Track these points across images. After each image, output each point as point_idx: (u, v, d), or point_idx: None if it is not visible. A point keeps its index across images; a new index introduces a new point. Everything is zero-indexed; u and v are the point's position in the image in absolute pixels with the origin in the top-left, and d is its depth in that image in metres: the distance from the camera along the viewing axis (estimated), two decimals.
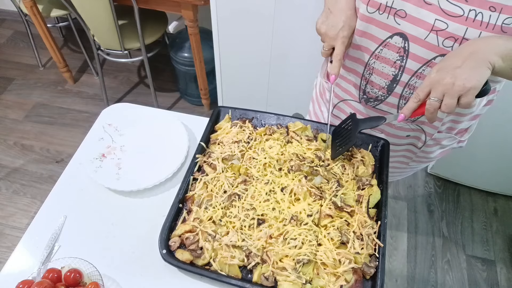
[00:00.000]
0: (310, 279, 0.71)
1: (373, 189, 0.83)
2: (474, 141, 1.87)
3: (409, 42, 0.80)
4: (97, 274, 0.72)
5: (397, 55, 0.83)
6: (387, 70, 0.87)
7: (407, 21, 0.78)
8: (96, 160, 0.93)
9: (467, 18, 0.71)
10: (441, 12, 0.74)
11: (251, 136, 0.92)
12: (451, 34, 0.74)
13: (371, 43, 0.85)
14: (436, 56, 0.78)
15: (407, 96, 0.88)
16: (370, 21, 0.82)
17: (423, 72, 0.82)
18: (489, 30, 0.70)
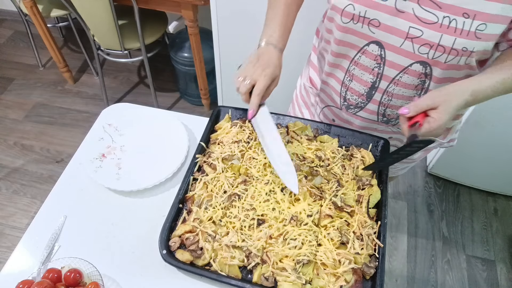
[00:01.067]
0: (310, 279, 0.71)
1: (373, 189, 0.83)
2: (474, 141, 1.87)
3: (385, 50, 0.82)
4: (97, 274, 0.72)
5: (375, 62, 0.85)
6: (365, 77, 0.89)
7: (382, 29, 0.79)
8: (96, 160, 0.93)
9: (441, 25, 0.73)
10: (416, 19, 0.75)
11: (251, 136, 0.92)
12: (426, 41, 0.76)
13: (350, 50, 0.87)
14: (412, 63, 0.80)
15: (386, 103, 0.90)
16: (346, 31, 0.83)
17: (400, 79, 0.84)
18: (463, 36, 0.72)
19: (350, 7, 0.78)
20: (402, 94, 0.87)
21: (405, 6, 0.75)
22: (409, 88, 0.85)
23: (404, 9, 0.75)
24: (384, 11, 0.76)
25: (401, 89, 0.86)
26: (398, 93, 0.87)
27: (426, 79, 0.83)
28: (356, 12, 0.78)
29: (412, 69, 0.81)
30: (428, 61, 0.79)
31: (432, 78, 0.82)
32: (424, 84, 0.84)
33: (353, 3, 0.78)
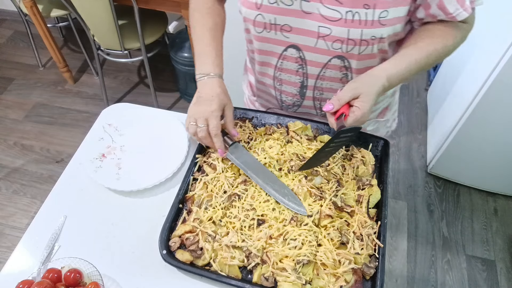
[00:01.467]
0: (310, 279, 0.71)
1: (373, 189, 0.83)
2: (474, 141, 1.87)
3: (303, 51, 0.85)
4: (97, 274, 0.72)
5: (297, 64, 0.88)
6: (293, 79, 0.92)
7: (294, 33, 0.82)
8: (96, 160, 0.93)
9: (346, 20, 0.76)
10: (323, 18, 0.77)
11: (251, 136, 0.92)
12: (337, 37, 0.79)
13: (271, 58, 0.90)
14: (330, 59, 0.84)
15: (319, 97, 0.95)
16: (262, 40, 0.86)
17: (324, 74, 0.88)
18: (369, 27, 0.75)
19: (259, 17, 0.80)
20: (330, 87, 0.92)
21: (310, 7, 0.77)
22: (335, 81, 0.90)
23: (310, 11, 0.78)
24: (292, 16, 0.79)
25: (328, 83, 0.91)
26: (327, 87, 0.92)
27: (347, 72, 0.87)
28: (266, 21, 0.81)
29: (332, 64, 0.85)
30: (344, 55, 0.82)
31: (352, 70, 0.86)
32: (347, 77, 0.88)
33: (261, 12, 0.80)
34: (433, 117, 2.32)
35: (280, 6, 0.78)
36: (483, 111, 1.72)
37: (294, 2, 0.77)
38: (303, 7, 0.77)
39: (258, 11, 0.80)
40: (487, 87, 1.63)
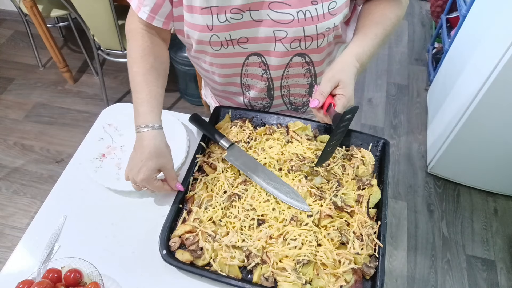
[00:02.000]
0: (310, 279, 0.71)
1: (373, 189, 0.83)
2: (474, 141, 1.87)
3: (264, 56, 0.86)
4: (97, 274, 0.72)
5: (261, 69, 0.89)
6: (259, 85, 0.94)
7: (251, 43, 0.83)
8: (96, 160, 0.93)
9: (299, 20, 0.77)
10: (276, 23, 0.79)
11: (251, 136, 0.92)
12: (294, 38, 0.81)
13: (235, 69, 0.91)
14: (291, 58, 0.86)
15: (287, 94, 0.98)
16: (222, 56, 0.86)
17: (288, 73, 0.91)
18: (321, 21, 0.78)
19: (214, 37, 0.81)
20: (296, 83, 0.95)
21: (261, 16, 0.78)
22: (299, 77, 0.93)
23: (261, 18, 0.78)
24: (245, 28, 0.80)
25: (293, 79, 0.94)
26: (292, 84, 0.95)
27: (309, 66, 0.90)
28: (222, 39, 0.81)
29: (294, 62, 0.88)
30: (304, 51, 0.84)
31: (313, 63, 0.89)
32: (310, 71, 0.92)
33: (215, 33, 0.80)
34: (433, 117, 2.32)
35: (232, 22, 0.78)
36: (483, 111, 1.72)
37: (244, 15, 0.77)
38: (253, 17, 0.78)
39: (211, 33, 0.80)
40: (487, 87, 1.63)
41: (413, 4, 3.41)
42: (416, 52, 2.95)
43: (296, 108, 1.04)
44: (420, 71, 2.81)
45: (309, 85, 0.96)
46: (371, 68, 2.83)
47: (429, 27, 3.17)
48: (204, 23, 0.78)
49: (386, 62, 2.88)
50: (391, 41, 3.05)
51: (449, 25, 2.58)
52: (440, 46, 2.73)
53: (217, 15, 0.77)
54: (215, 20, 0.77)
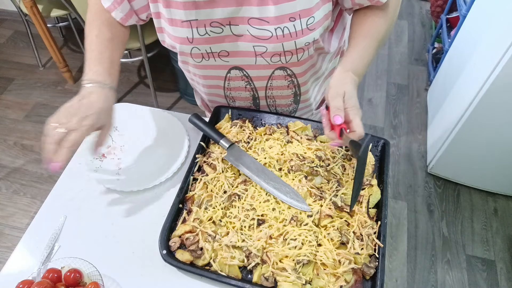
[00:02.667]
0: (310, 279, 0.71)
1: (373, 189, 0.83)
2: (474, 141, 1.87)
3: (245, 70, 0.86)
4: (97, 274, 0.72)
5: (243, 81, 0.90)
6: (244, 95, 0.95)
7: (232, 57, 0.83)
8: (96, 160, 0.93)
9: (277, 36, 0.77)
10: (255, 39, 0.79)
11: (251, 136, 0.92)
12: (273, 53, 0.81)
13: (217, 81, 0.91)
14: (273, 71, 0.87)
15: (272, 104, 0.99)
16: (204, 67, 0.87)
17: (271, 85, 0.91)
18: (300, 36, 0.77)
19: (195, 49, 0.81)
20: (281, 95, 0.96)
21: (240, 30, 0.78)
22: (283, 89, 0.93)
23: (241, 33, 0.79)
24: (226, 41, 0.80)
25: (277, 91, 0.94)
26: (277, 95, 0.96)
27: (292, 78, 0.90)
28: (202, 51, 0.81)
29: (276, 75, 0.88)
30: (285, 65, 0.85)
31: (296, 75, 0.89)
32: (293, 82, 0.92)
33: (196, 45, 0.80)
34: (433, 117, 2.32)
35: (212, 35, 0.78)
36: (483, 111, 1.72)
37: (224, 29, 0.78)
38: (233, 31, 0.78)
39: (191, 45, 0.80)
40: (487, 87, 1.63)
41: (413, 4, 3.41)
42: (416, 52, 2.95)
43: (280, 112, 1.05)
44: (420, 71, 2.81)
45: (294, 94, 0.97)
46: (371, 68, 2.83)
47: (429, 27, 3.17)
48: (185, 35, 0.79)
49: (386, 62, 2.88)
50: (391, 41, 3.05)
51: (449, 25, 2.58)
52: (440, 46, 2.73)
53: (196, 28, 0.77)
54: (195, 33, 0.78)
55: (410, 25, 3.20)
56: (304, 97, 0.99)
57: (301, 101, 1.00)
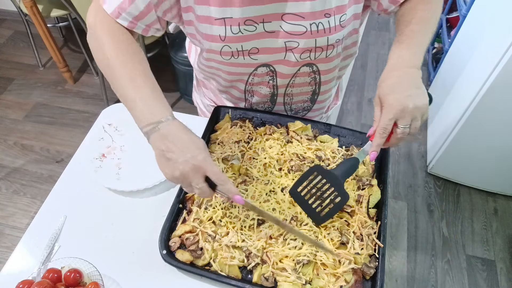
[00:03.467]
0: (310, 279, 0.71)
1: (373, 189, 0.83)
2: (474, 141, 1.87)
3: (272, 65, 0.86)
4: (97, 274, 0.72)
5: (268, 76, 0.89)
6: (264, 91, 0.94)
7: (262, 54, 0.82)
8: (96, 160, 0.93)
9: (312, 31, 0.77)
10: (288, 35, 0.78)
11: (251, 136, 0.92)
12: (305, 49, 0.80)
13: (242, 77, 0.90)
14: (300, 67, 0.86)
15: (289, 102, 0.98)
16: (231, 65, 0.85)
17: (294, 82, 0.91)
18: (333, 33, 0.78)
19: (226, 48, 0.80)
20: (300, 92, 0.95)
21: (274, 27, 0.77)
22: (303, 86, 0.93)
23: (273, 30, 0.78)
24: (258, 39, 0.79)
25: (298, 88, 0.94)
26: (296, 92, 0.95)
27: (315, 75, 0.90)
28: (233, 50, 0.80)
29: (301, 71, 0.87)
30: (313, 62, 0.85)
31: (320, 72, 0.89)
32: (315, 79, 0.92)
33: (227, 44, 0.79)
34: (433, 117, 2.32)
35: (245, 34, 0.77)
36: (483, 111, 1.72)
37: (257, 26, 0.77)
38: (266, 29, 0.78)
39: (223, 43, 0.78)
40: (487, 87, 1.63)
41: None
42: None
43: (296, 112, 1.04)
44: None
45: (312, 92, 0.96)
46: (371, 68, 2.83)
47: None
48: (217, 33, 0.77)
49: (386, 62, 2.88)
50: (391, 41, 3.05)
51: (449, 25, 2.58)
52: (440, 46, 2.73)
53: (230, 26, 0.76)
54: (228, 31, 0.76)
55: None
56: (321, 97, 0.99)
57: (318, 101, 1.00)
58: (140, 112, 0.69)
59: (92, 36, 0.78)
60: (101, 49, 0.75)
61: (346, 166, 0.76)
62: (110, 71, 0.74)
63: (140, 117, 0.69)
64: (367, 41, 3.03)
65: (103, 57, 0.74)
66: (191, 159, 0.63)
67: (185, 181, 0.65)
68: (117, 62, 0.73)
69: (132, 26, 0.77)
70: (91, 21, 0.78)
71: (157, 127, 0.67)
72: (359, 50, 1.77)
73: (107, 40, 0.74)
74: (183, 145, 0.65)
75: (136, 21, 0.76)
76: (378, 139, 0.71)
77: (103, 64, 0.75)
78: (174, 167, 0.64)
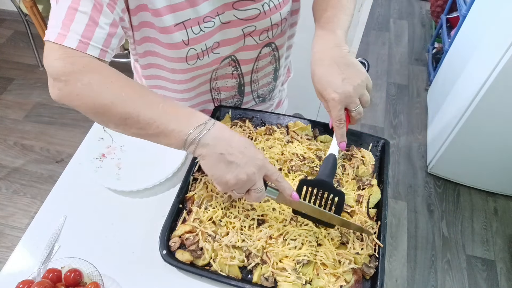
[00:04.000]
0: (310, 279, 0.71)
1: (373, 189, 0.83)
2: (474, 141, 1.87)
3: (234, 54, 0.86)
4: (97, 274, 0.72)
5: (231, 67, 0.89)
6: (230, 83, 0.94)
7: (223, 46, 0.83)
8: (96, 160, 0.93)
9: (265, 11, 0.79)
10: (243, 22, 0.79)
11: (251, 136, 0.92)
12: (262, 29, 0.82)
13: (205, 77, 0.90)
14: (261, 50, 0.87)
15: (256, 88, 0.99)
16: (194, 69, 0.84)
17: (258, 66, 0.92)
18: (284, 6, 0.81)
19: (191, 51, 0.78)
20: (264, 74, 0.96)
21: (227, 17, 0.78)
22: (267, 66, 0.94)
23: (229, 20, 0.79)
24: (216, 33, 0.79)
25: (262, 72, 0.95)
26: (261, 76, 0.96)
27: (275, 52, 0.92)
28: (198, 51, 0.79)
29: (263, 53, 0.89)
30: (271, 40, 0.86)
31: (278, 47, 0.91)
32: (275, 56, 0.93)
33: (192, 46, 0.78)
34: (433, 117, 2.32)
35: (206, 31, 0.77)
36: (483, 111, 1.72)
37: (215, 21, 0.77)
38: (222, 21, 0.78)
39: (188, 47, 0.77)
40: (487, 87, 1.63)
41: (413, 4, 3.41)
42: (416, 52, 2.95)
43: (263, 99, 1.04)
44: (420, 71, 2.81)
45: (274, 69, 0.98)
46: (371, 68, 2.83)
47: (429, 27, 3.17)
48: (180, 39, 0.76)
49: (386, 62, 2.88)
50: (391, 41, 3.06)
51: (449, 25, 2.58)
52: (440, 46, 2.73)
53: (191, 28, 0.75)
54: (190, 33, 0.76)
55: (410, 25, 3.20)
56: (281, 71, 1.02)
57: (278, 76, 1.02)
58: (179, 121, 0.62)
59: (72, 85, 0.61)
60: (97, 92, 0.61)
61: (327, 166, 0.76)
62: (122, 108, 0.61)
63: (182, 126, 0.61)
64: (367, 41, 3.03)
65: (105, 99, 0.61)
66: (255, 159, 0.61)
67: (248, 184, 0.62)
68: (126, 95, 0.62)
69: (103, 55, 0.65)
70: (60, 68, 0.61)
71: (207, 128, 0.61)
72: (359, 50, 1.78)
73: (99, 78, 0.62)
74: (239, 144, 0.62)
75: (106, 48, 0.66)
76: (338, 131, 0.74)
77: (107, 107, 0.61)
78: (238, 171, 0.60)
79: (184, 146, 0.62)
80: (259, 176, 0.62)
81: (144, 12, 0.72)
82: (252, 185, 0.62)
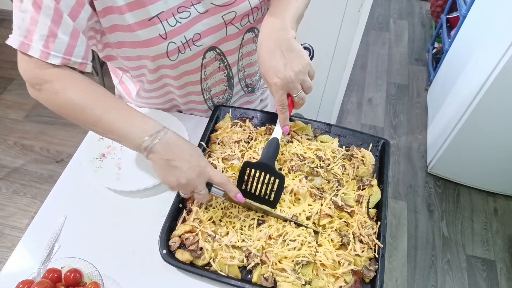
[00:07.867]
0: (309, 280, 0.71)
1: (373, 189, 0.83)
2: (474, 141, 1.87)
3: (218, 46, 0.85)
4: (97, 274, 0.72)
5: (217, 61, 0.89)
6: (218, 77, 0.93)
7: (204, 37, 0.81)
8: (96, 160, 0.93)
9: None
10: (222, 8, 0.79)
11: (251, 136, 0.92)
12: (242, 14, 0.81)
13: (194, 76, 0.89)
14: (243, 35, 0.87)
15: (243, 77, 0.99)
16: (182, 63, 0.84)
17: (242, 53, 0.92)
18: None
19: (171, 45, 0.78)
20: (250, 62, 0.96)
21: (205, 6, 0.78)
22: (252, 54, 0.94)
23: (206, 8, 0.78)
24: (196, 23, 0.78)
25: (247, 59, 0.95)
26: (247, 63, 0.96)
27: (256, 37, 0.91)
28: (178, 44, 0.78)
29: (245, 40, 0.88)
30: (253, 25, 0.86)
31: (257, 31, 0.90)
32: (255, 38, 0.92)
33: (171, 40, 0.77)
34: (433, 117, 2.32)
35: (182, 22, 0.76)
36: (483, 111, 1.72)
37: (190, 11, 0.76)
38: (199, 10, 0.77)
39: (166, 41, 0.76)
40: (487, 87, 1.63)
41: (413, 4, 3.41)
42: (416, 52, 2.95)
43: (252, 89, 1.04)
44: (420, 71, 2.81)
45: None
46: (371, 68, 2.83)
47: (429, 27, 3.17)
48: (157, 34, 0.75)
49: (386, 62, 2.88)
50: (391, 41, 3.06)
51: (449, 25, 2.58)
52: (440, 46, 2.73)
53: (166, 20, 0.74)
54: (166, 26, 0.75)
55: (410, 25, 3.20)
56: None
57: None
58: (136, 128, 0.70)
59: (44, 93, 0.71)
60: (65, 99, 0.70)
61: (270, 149, 0.79)
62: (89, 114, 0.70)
63: (138, 133, 0.70)
64: (367, 41, 3.03)
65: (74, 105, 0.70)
66: (196, 166, 0.69)
67: (189, 187, 0.70)
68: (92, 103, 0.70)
69: (66, 63, 0.70)
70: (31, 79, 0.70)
71: (158, 137, 0.70)
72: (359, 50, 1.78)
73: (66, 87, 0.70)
74: (185, 152, 0.70)
75: (68, 56, 0.70)
76: (281, 115, 0.77)
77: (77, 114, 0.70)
78: (179, 175, 0.69)
79: (139, 150, 0.71)
80: (200, 181, 0.70)
81: (113, 15, 0.72)
82: (194, 188, 0.70)
